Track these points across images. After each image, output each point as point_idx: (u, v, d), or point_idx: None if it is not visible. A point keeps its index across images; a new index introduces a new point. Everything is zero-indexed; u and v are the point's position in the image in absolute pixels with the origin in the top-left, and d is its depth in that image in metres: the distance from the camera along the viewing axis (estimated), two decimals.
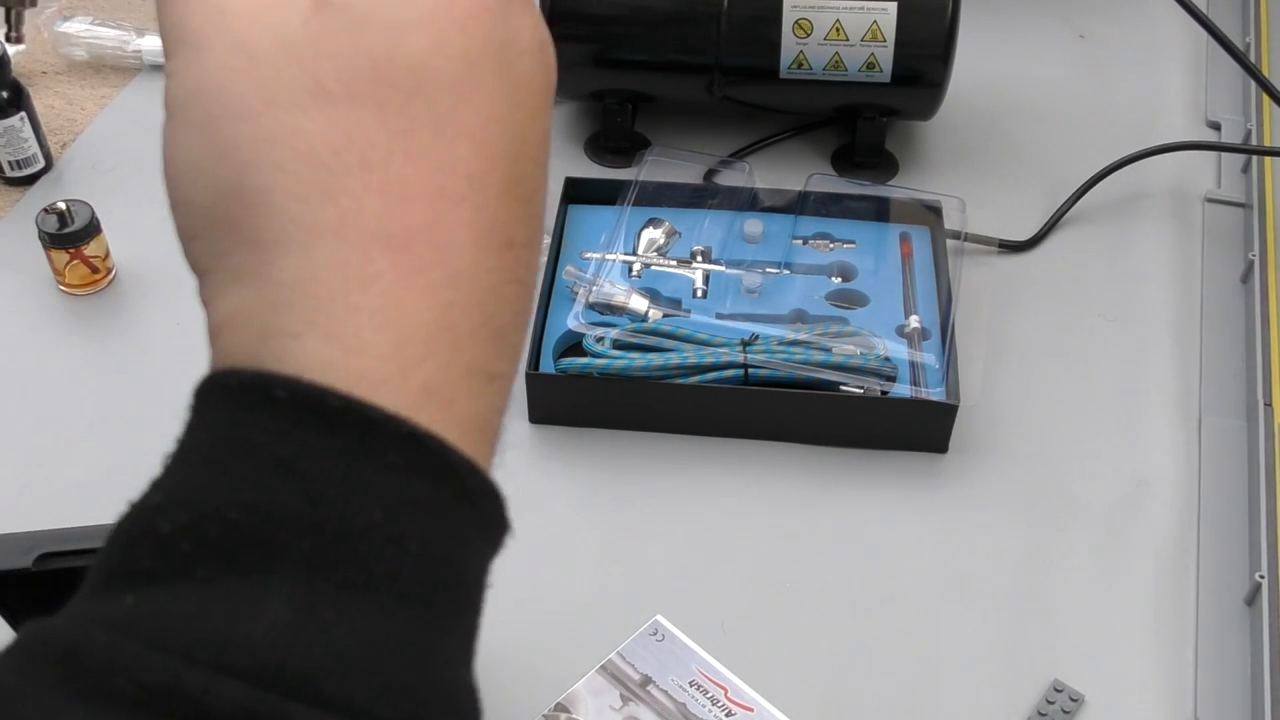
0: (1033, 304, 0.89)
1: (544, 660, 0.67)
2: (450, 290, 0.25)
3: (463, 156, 0.25)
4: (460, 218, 0.25)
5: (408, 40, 0.25)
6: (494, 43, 0.26)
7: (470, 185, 0.25)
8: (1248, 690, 0.67)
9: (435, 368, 0.25)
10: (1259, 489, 0.75)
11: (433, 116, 0.25)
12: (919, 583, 0.72)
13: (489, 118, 0.26)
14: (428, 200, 0.25)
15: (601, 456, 0.78)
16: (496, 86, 0.26)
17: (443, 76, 0.25)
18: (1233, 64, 0.94)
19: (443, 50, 0.25)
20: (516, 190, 0.26)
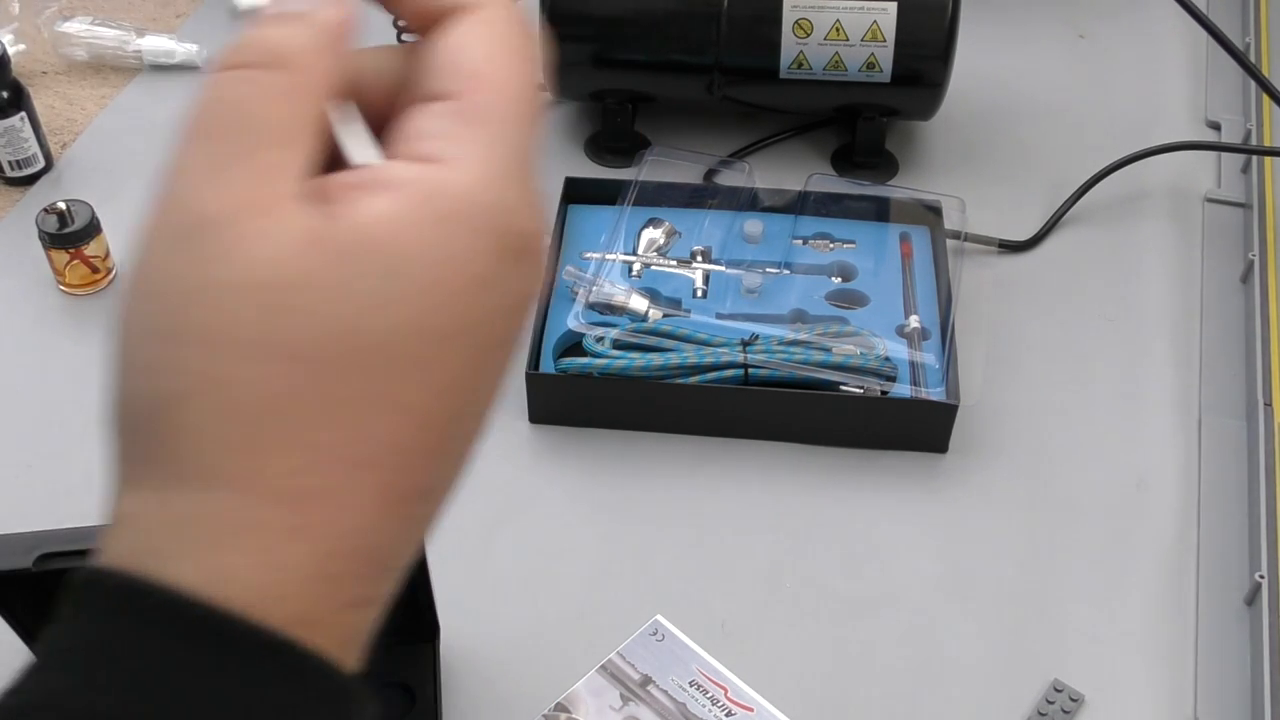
0: (1033, 304, 0.89)
1: (544, 660, 0.67)
2: (337, 542, 0.25)
3: (390, 428, 0.25)
4: (367, 482, 0.25)
5: (382, 314, 0.25)
6: (474, 317, 0.26)
7: (390, 453, 0.25)
8: (1248, 690, 0.67)
9: (309, 603, 0.25)
10: (1259, 489, 0.75)
11: (372, 391, 0.25)
12: (919, 583, 0.72)
13: (437, 391, 0.26)
14: (337, 467, 0.25)
15: (601, 456, 0.78)
16: (457, 360, 0.26)
17: (402, 355, 0.25)
18: (1233, 64, 0.94)
19: (416, 331, 0.25)
20: (443, 448, 0.27)
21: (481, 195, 0.26)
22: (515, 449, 0.78)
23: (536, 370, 0.78)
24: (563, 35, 0.93)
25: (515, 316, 0.27)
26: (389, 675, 0.65)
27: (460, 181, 0.26)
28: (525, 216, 0.27)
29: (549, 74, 0.95)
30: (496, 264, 0.26)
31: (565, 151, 1.00)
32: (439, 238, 0.25)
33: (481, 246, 0.26)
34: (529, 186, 0.27)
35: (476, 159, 0.26)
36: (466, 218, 0.26)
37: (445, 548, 0.62)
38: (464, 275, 0.25)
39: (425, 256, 0.25)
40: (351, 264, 0.25)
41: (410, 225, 0.25)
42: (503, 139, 0.27)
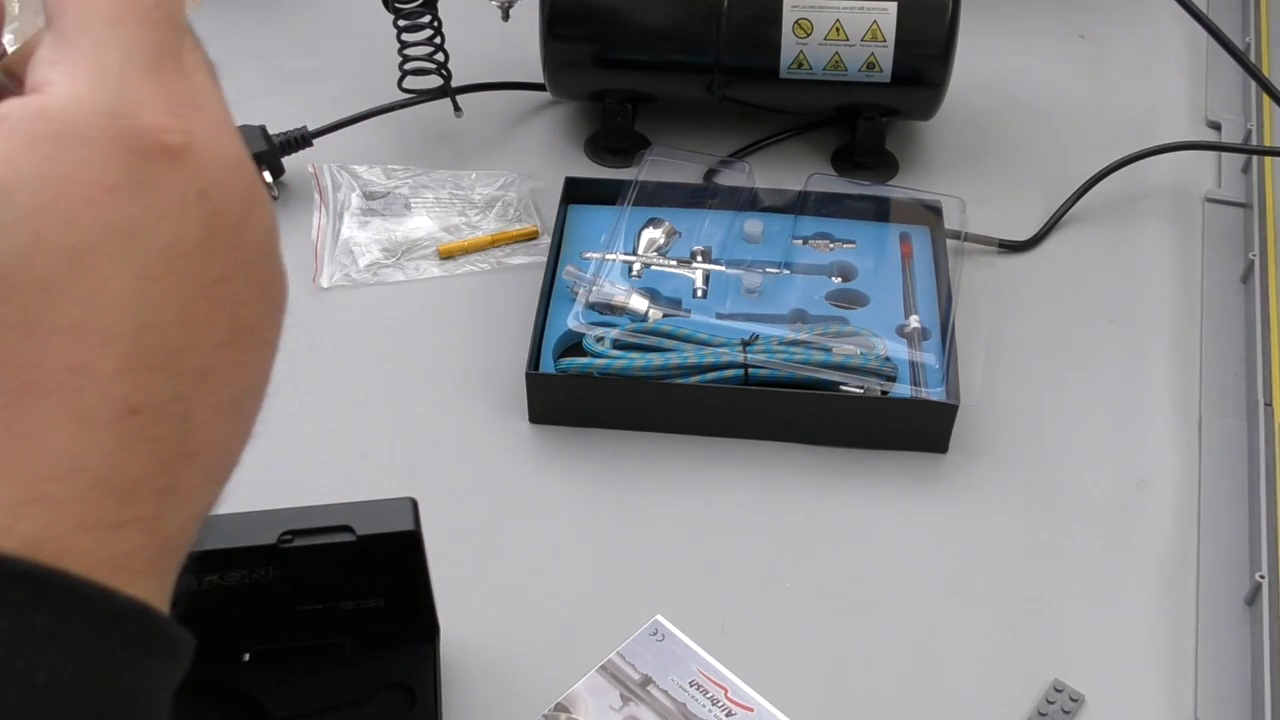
0: (1033, 304, 0.89)
1: (544, 660, 0.67)
2: (35, 468, 0.25)
3: (56, 350, 0.25)
4: (48, 407, 0.25)
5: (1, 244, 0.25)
6: (120, 223, 0.25)
7: (68, 374, 0.25)
8: (1248, 690, 0.67)
9: (32, 528, 0.25)
10: (1259, 489, 0.75)
11: (24, 317, 0.25)
12: (919, 582, 0.72)
13: (104, 305, 0.25)
14: (10, 396, 0.25)
15: (601, 456, 0.78)
16: (118, 271, 0.26)
17: (39, 277, 0.25)
18: (1233, 64, 0.94)
19: (41, 250, 0.25)
20: (143, 361, 0.26)
21: (87, 103, 0.26)
22: (515, 449, 0.78)
23: (536, 370, 0.78)
24: (563, 35, 0.93)
25: (194, 213, 0.27)
26: (389, 675, 0.65)
27: (60, 98, 0.26)
28: (153, 110, 0.26)
29: (549, 74, 0.95)
30: (126, 167, 0.26)
31: (565, 151, 1.00)
32: (46, 156, 0.25)
33: (98, 154, 0.25)
34: (156, 80, 0.27)
35: (77, 73, 0.26)
36: (74, 129, 0.25)
37: (445, 548, 0.62)
38: (86, 185, 0.25)
39: (36, 176, 0.25)
40: None
41: (14, 153, 0.25)
42: (97, 45, 0.26)
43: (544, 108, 1.03)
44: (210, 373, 0.28)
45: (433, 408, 0.81)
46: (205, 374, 0.27)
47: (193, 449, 0.28)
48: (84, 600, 0.25)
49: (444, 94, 0.96)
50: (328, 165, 0.96)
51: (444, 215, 0.93)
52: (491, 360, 0.83)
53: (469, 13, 0.96)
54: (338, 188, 0.95)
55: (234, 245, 0.27)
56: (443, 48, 0.95)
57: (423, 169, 0.97)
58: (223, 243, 0.27)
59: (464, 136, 1.00)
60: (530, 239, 0.92)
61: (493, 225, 0.93)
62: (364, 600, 0.63)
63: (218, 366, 0.28)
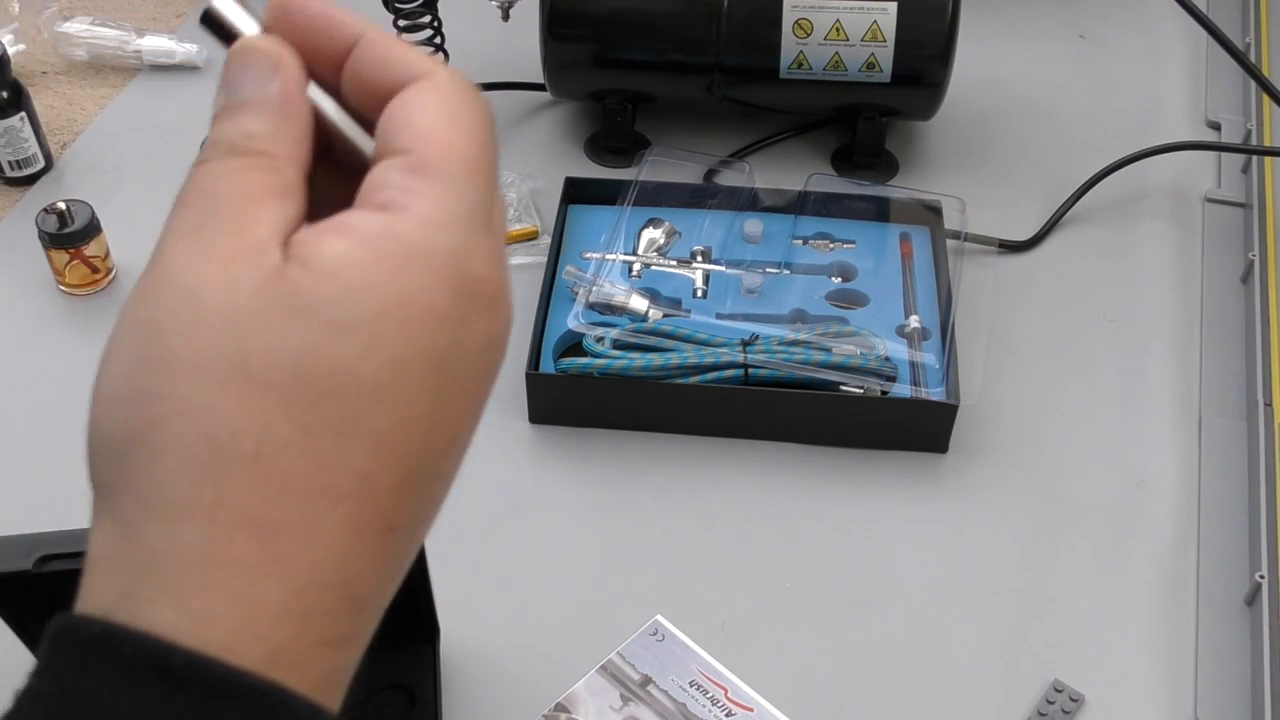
0: (1033, 304, 0.89)
1: (544, 660, 0.67)
2: (309, 575, 0.26)
3: (359, 457, 0.26)
4: (338, 513, 0.26)
5: (340, 340, 0.26)
6: (434, 350, 0.27)
7: (359, 483, 0.26)
8: (1248, 690, 0.67)
9: (284, 639, 0.25)
10: (1259, 489, 0.75)
11: (341, 418, 0.26)
12: (919, 582, 0.72)
13: (403, 421, 0.27)
14: (307, 496, 0.25)
15: (601, 456, 0.78)
16: (422, 393, 0.27)
17: (364, 381, 0.26)
18: (1233, 64, 0.94)
19: (372, 356, 0.26)
20: (412, 483, 0.27)
21: (434, 236, 0.27)
22: (515, 449, 0.78)
23: (536, 370, 0.78)
24: (563, 35, 0.93)
25: (481, 358, 0.28)
26: (389, 675, 0.65)
27: (413, 224, 0.27)
28: (483, 261, 0.28)
29: (549, 74, 0.95)
30: (453, 301, 0.27)
31: (565, 151, 1.00)
32: (393, 272, 0.26)
33: (436, 283, 0.27)
34: (488, 236, 0.28)
35: (429, 206, 0.27)
36: (419, 256, 0.27)
37: (445, 548, 0.62)
38: (420, 308, 0.26)
39: (381, 289, 0.26)
40: (308, 296, 0.26)
41: (365, 261, 0.26)
42: (455, 190, 0.28)
43: (544, 108, 1.03)
44: (440, 501, 0.29)
45: None
46: (438, 503, 0.29)
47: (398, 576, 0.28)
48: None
49: None
50: None
51: None
52: None
53: (469, 13, 0.97)
54: None
55: (489, 391, 0.29)
56: (443, 48, 0.95)
57: None
58: (490, 382, 0.29)
59: None
60: (530, 239, 0.92)
61: None
62: None
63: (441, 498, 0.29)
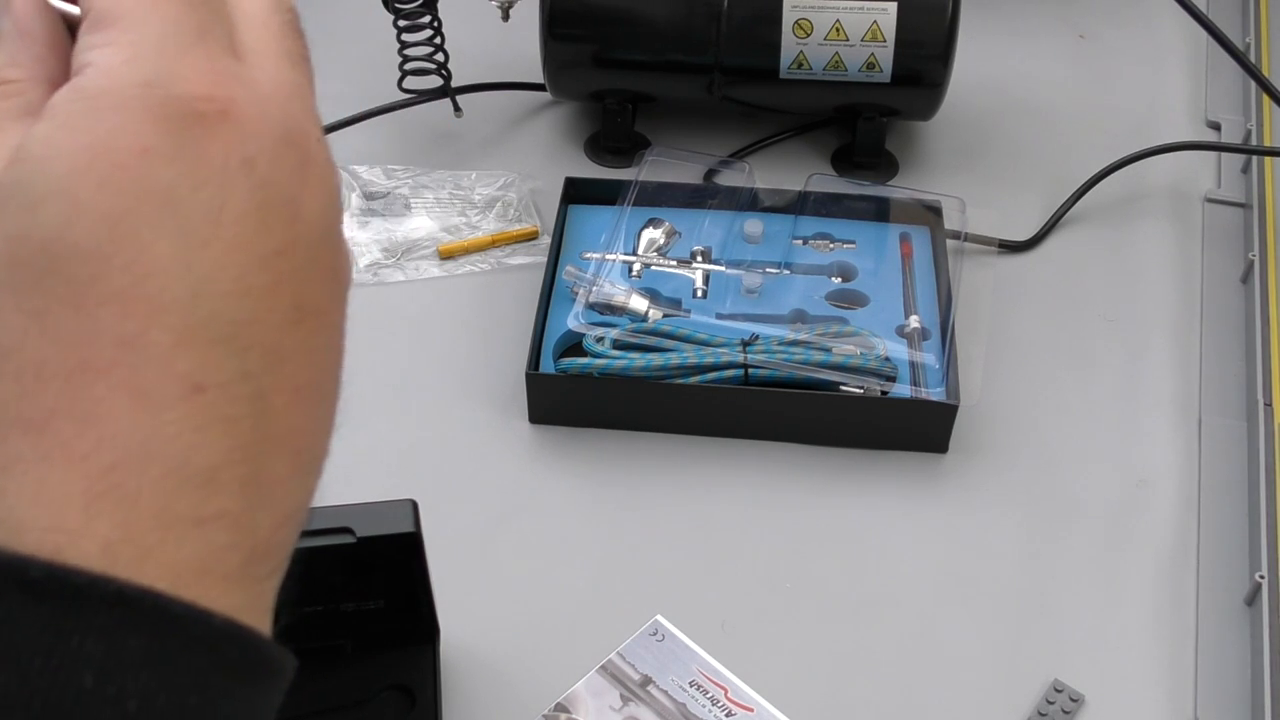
0: (1033, 304, 0.89)
1: (544, 660, 0.67)
2: (104, 455, 0.24)
3: (108, 323, 0.24)
4: (108, 385, 0.24)
5: (39, 214, 0.24)
6: (158, 189, 0.25)
7: (121, 349, 0.24)
8: (1248, 690, 0.67)
9: (109, 528, 0.24)
10: (1259, 489, 0.75)
11: (70, 291, 0.24)
12: (919, 582, 0.72)
13: (147, 273, 0.25)
14: (66, 378, 0.24)
15: (601, 456, 0.78)
16: (155, 234, 0.25)
17: (79, 245, 0.24)
18: (1233, 64, 0.94)
19: (78, 218, 0.24)
20: (201, 333, 0.25)
21: (120, 75, 0.25)
22: (515, 449, 0.78)
23: (536, 370, 0.78)
24: (563, 35, 0.93)
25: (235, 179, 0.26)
26: (389, 676, 0.65)
27: (95, 75, 0.25)
28: (192, 79, 0.26)
29: (549, 74, 0.95)
30: (162, 132, 0.25)
31: (565, 151, 1.00)
32: (80, 129, 0.25)
33: (131, 120, 0.25)
34: (200, 53, 0.26)
35: (108, 52, 0.26)
36: (105, 100, 0.25)
37: (445, 548, 0.62)
38: (119, 150, 0.25)
39: (70, 149, 0.25)
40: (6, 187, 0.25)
41: (53, 131, 0.25)
42: (134, 23, 0.26)
43: (544, 108, 1.03)
44: (281, 352, 0.27)
45: (433, 408, 0.81)
46: (275, 353, 0.26)
47: (274, 435, 0.26)
48: (178, 623, 0.24)
49: (444, 94, 0.96)
50: None
51: (444, 215, 0.93)
52: (491, 360, 0.83)
53: (469, 13, 0.96)
54: None
55: (290, 219, 0.27)
56: (443, 48, 0.95)
57: (423, 169, 0.97)
58: (277, 214, 0.26)
59: (464, 136, 1.00)
60: (530, 239, 0.92)
61: (493, 225, 0.93)
62: (364, 602, 0.63)
63: (288, 346, 0.27)
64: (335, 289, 0.29)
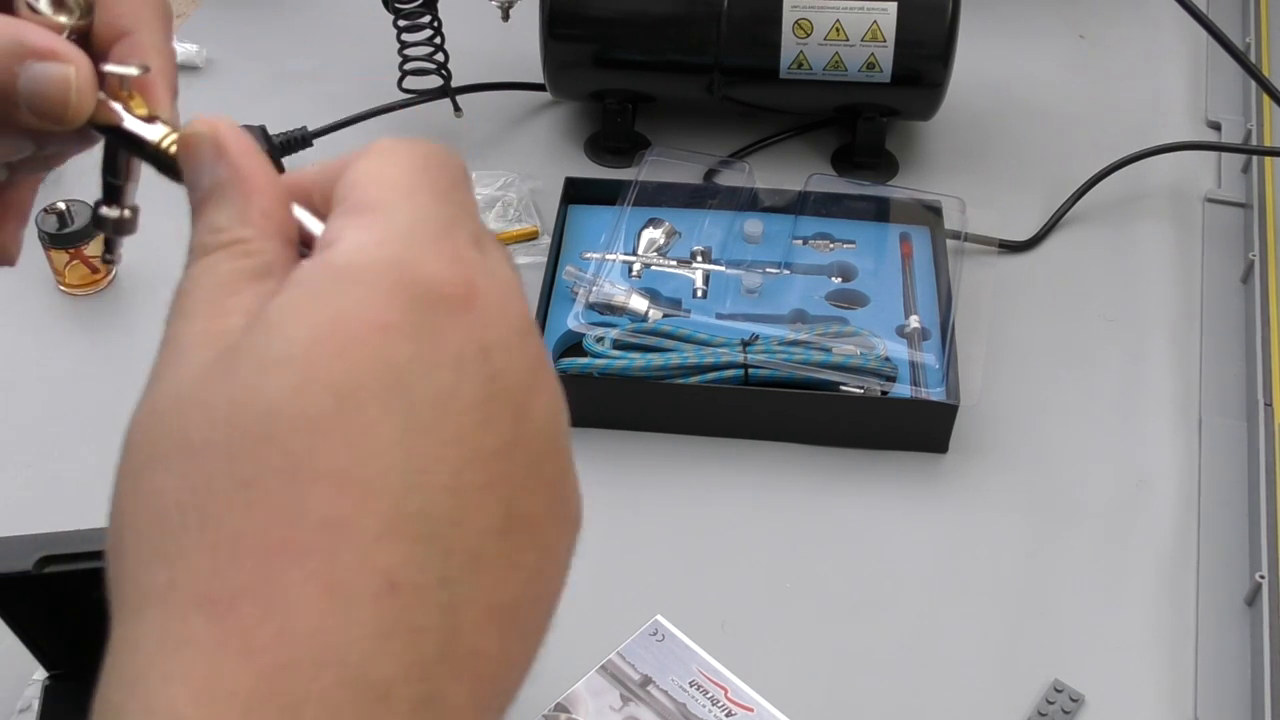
0: (1033, 304, 0.89)
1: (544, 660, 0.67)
2: (281, 650, 0.22)
3: (318, 502, 0.23)
4: (303, 571, 0.22)
5: (270, 379, 0.23)
6: (391, 367, 0.24)
7: (324, 533, 0.23)
8: (1248, 690, 0.67)
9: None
10: (1259, 489, 0.75)
11: (285, 462, 0.23)
12: (919, 582, 0.72)
13: (369, 454, 0.23)
14: (262, 556, 0.23)
15: (601, 456, 0.78)
16: (382, 413, 0.23)
17: (303, 414, 0.23)
18: (1233, 64, 0.94)
19: (309, 387, 0.23)
20: (407, 528, 0.23)
21: (370, 252, 0.25)
22: None
23: None
24: (563, 35, 0.93)
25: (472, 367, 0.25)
26: None
27: (345, 250, 0.25)
28: (439, 262, 0.25)
29: (549, 74, 0.95)
30: (405, 310, 0.24)
31: (565, 151, 1.00)
32: (325, 299, 0.24)
33: (376, 296, 0.24)
34: (446, 241, 0.26)
35: (362, 232, 0.25)
36: (353, 275, 0.25)
37: None
38: (359, 322, 0.24)
39: (312, 317, 0.24)
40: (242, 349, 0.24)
41: (298, 299, 0.24)
42: (388, 211, 0.26)
43: (544, 108, 1.03)
44: (483, 561, 0.24)
45: None
46: (477, 560, 0.24)
47: (459, 655, 0.24)
48: None
49: (444, 94, 0.96)
50: None
51: None
52: None
53: (469, 13, 0.96)
54: None
55: (516, 418, 0.25)
56: (443, 48, 0.95)
57: None
58: (503, 410, 0.25)
59: (464, 136, 1.00)
60: (530, 239, 0.92)
61: (493, 225, 0.93)
62: None
63: (490, 555, 0.25)
64: (557, 506, 0.27)
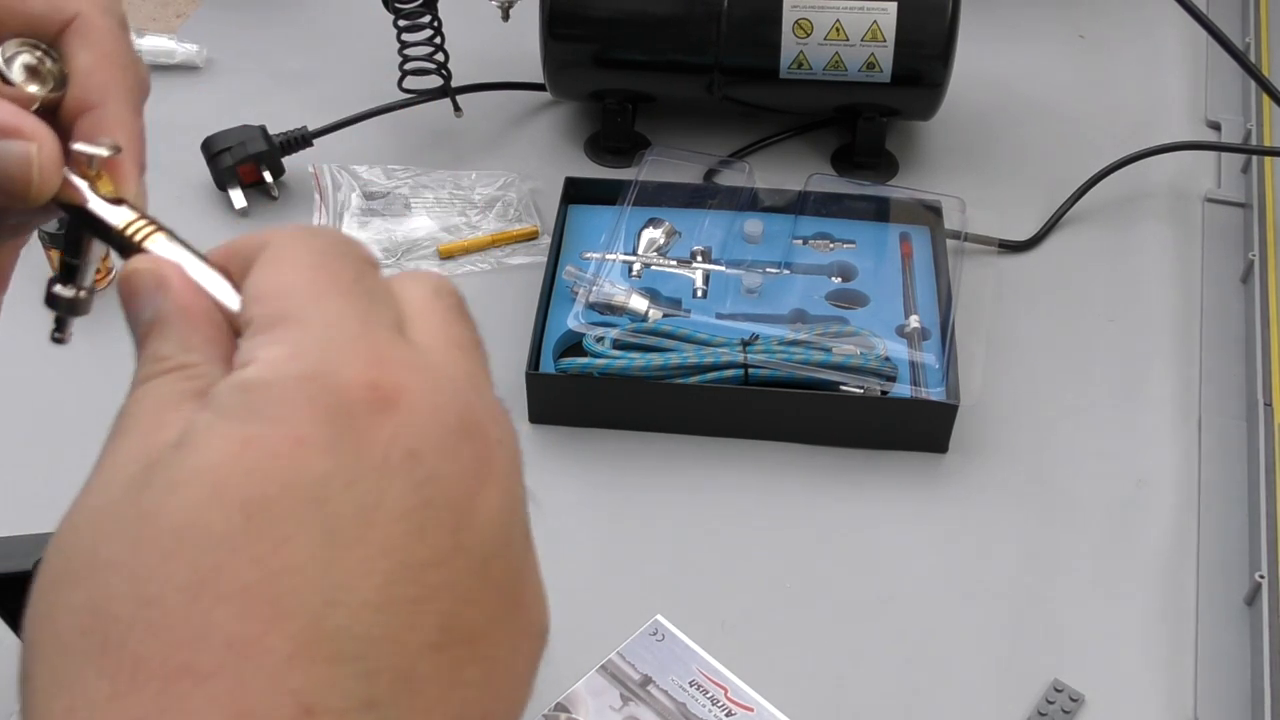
0: (1033, 304, 0.89)
1: (544, 660, 0.67)
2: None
3: (222, 621, 0.22)
4: (205, 695, 0.21)
5: (178, 496, 0.23)
6: (308, 480, 0.23)
7: (230, 654, 0.22)
8: (1248, 690, 0.67)
9: None
10: (1259, 489, 0.75)
11: (189, 578, 0.22)
12: (919, 582, 0.72)
13: (279, 570, 0.22)
14: (164, 680, 0.22)
15: (601, 456, 0.78)
16: (302, 534, 0.23)
17: (210, 530, 0.22)
18: (1233, 64, 0.94)
19: (216, 502, 0.23)
20: (324, 648, 0.22)
21: (284, 368, 0.24)
22: None
23: (536, 370, 0.78)
24: (563, 35, 0.93)
25: (400, 474, 0.24)
26: None
27: (258, 368, 0.24)
28: (360, 368, 0.24)
29: (549, 74, 0.95)
30: (321, 423, 0.23)
31: (565, 151, 1.00)
32: (237, 418, 0.24)
33: (292, 411, 0.23)
34: (371, 346, 0.25)
35: (278, 344, 0.25)
36: (265, 393, 0.24)
37: None
38: (273, 439, 0.23)
39: (222, 436, 0.23)
40: (156, 466, 0.24)
41: (211, 418, 0.24)
42: (306, 319, 0.25)
43: (544, 108, 1.03)
44: (416, 681, 0.23)
45: None
46: (409, 680, 0.23)
47: None
48: None
49: (444, 94, 0.96)
50: (328, 165, 0.96)
51: (444, 215, 0.93)
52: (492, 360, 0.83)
53: (469, 13, 0.97)
54: (338, 188, 0.95)
55: (456, 523, 0.24)
56: (443, 48, 0.95)
57: (423, 169, 0.97)
58: (439, 516, 0.24)
59: (464, 136, 1.00)
60: (530, 239, 0.92)
61: (493, 225, 0.93)
62: None
63: (425, 674, 0.23)
64: (509, 615, 0.26)
